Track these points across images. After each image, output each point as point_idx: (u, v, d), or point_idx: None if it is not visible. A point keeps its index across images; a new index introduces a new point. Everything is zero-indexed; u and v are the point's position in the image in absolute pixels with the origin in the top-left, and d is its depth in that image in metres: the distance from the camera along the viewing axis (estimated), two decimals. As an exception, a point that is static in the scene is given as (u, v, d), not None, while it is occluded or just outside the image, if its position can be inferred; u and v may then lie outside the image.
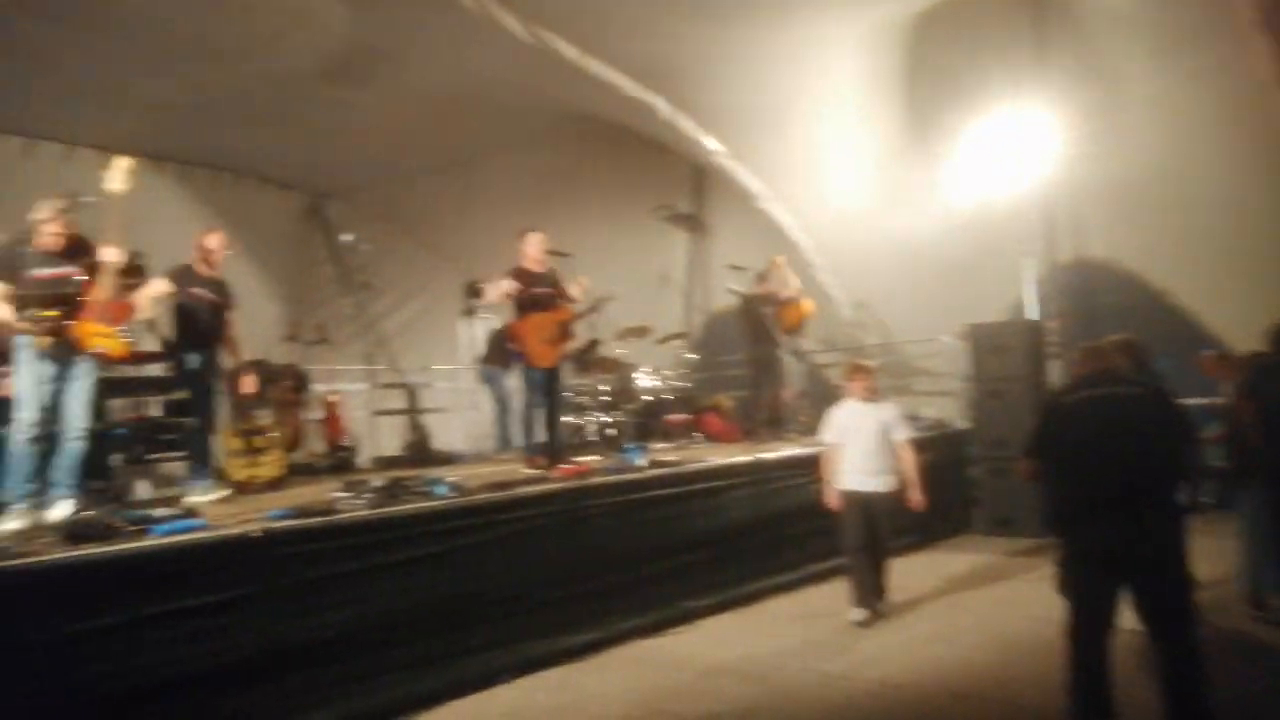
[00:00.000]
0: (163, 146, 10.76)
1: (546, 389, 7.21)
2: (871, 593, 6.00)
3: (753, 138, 10.17)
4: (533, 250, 7.20)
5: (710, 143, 10.25)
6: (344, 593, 4.58)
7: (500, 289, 7.13)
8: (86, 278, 5.18)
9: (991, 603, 6.37)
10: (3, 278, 5.12)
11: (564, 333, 7.21)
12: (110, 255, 5.20)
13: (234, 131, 10.41)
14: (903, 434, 6.11)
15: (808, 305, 9.76)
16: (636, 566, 6.06)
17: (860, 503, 5.95)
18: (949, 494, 8.70)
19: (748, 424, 9.71)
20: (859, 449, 5.98)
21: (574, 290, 7.25)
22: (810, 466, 7.26)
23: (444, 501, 5.33)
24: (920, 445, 6.44)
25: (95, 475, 6.27)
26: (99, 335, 5.11)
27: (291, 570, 4.41)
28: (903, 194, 9.94)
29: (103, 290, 5.15)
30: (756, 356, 9.75)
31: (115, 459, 6.70)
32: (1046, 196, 9.41)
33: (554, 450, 7.19)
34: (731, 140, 10.26)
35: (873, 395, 6.14)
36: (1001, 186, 9.34)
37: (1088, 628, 3.82)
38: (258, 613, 4.24)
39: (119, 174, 5.28)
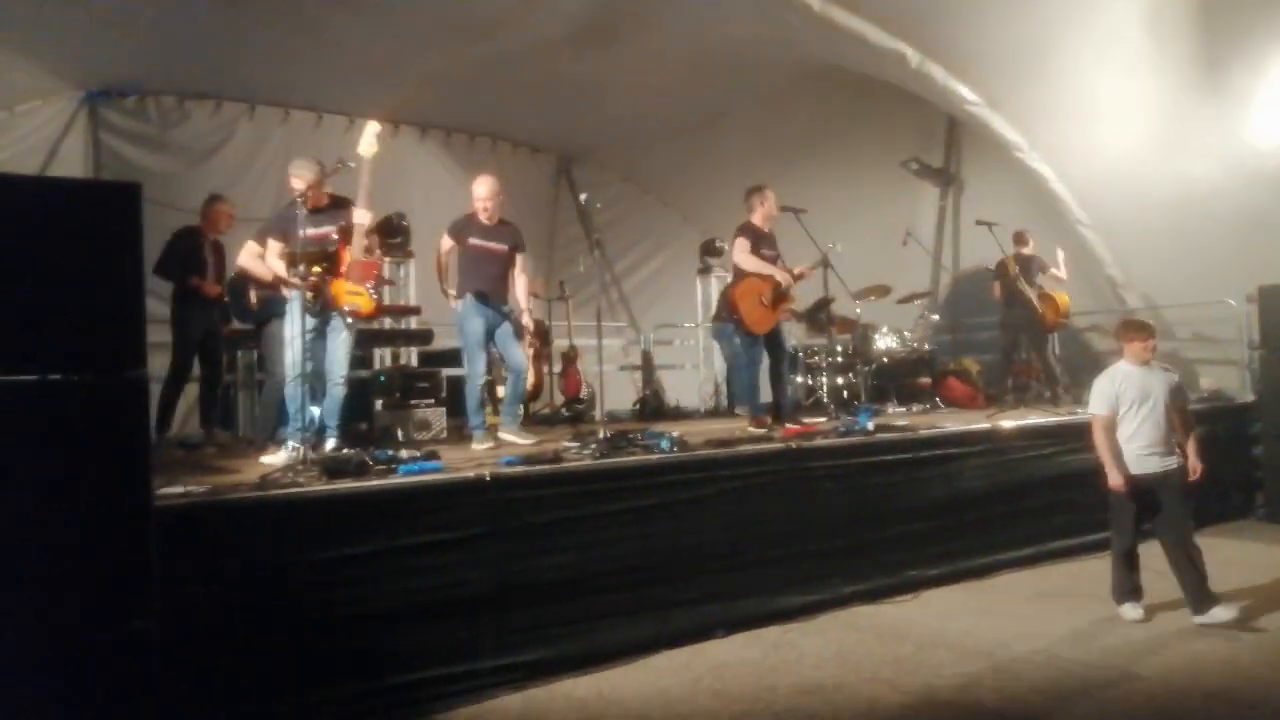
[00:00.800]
0: (429, 115, 11.59)
1: (769, 350, 7.11)
2: (1139, 585, 5.33)
3: (1012, 84, 9.35)
4: (764, 207, 7.09)
5: (964, 91, 9.57)
6: (566, 538, 4.77)
7: (741, 252, 7.02)
8: (340, 239, 5.59)
9: (1273, 599, 5.63)
10: (278, 236, 5.73)
11: (780, 295, 7.01)
12: (360, 217, 5.60)
13: (490, 98, 10.98)
14: (1186, 400, 5.42)
15: (1063, 298, 9.06)
16: (860, 531, 5.90)
17: (1146, 486, 5.15)
18: (1229, 473, 7.81)
19: (994, 390, 9.15)
20: (1146, 422, 5.13)
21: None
22: (1057, 436, 6.77)
23: (664, 455, 5.41)
24: (1197, 418, 5.75)
25: (359, 418, 6.94)
26: (350, 293, 5.55)
27: (517, 514, 4.64)
28: (1187, 138, 8.80)
29: (355, 250, 5.57)
30: (1008, 320, 9.18)
31: (376, 403, 7.36)
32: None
33: (780, 410, 7.11)
34: (987, 88, 9.48)
35: (1151, 358, 5.29)
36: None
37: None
38: (485, 552, 4.50)
39: (369, 138, 5.58)
